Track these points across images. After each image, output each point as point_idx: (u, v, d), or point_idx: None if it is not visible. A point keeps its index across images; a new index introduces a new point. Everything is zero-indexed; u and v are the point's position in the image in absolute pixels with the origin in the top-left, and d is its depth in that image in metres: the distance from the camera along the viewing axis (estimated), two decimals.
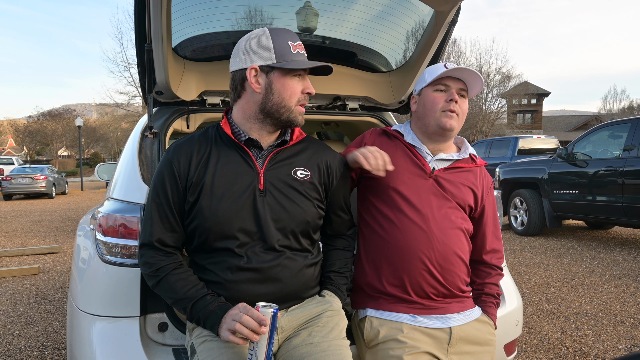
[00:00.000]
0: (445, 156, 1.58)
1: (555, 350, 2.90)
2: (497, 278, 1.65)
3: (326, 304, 1.40)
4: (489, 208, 1.64)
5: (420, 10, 2.10)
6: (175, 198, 1.34)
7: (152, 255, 1.33)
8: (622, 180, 5.65)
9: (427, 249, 1.46)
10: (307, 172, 1.42)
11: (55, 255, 6.23)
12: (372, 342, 1.47)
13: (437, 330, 1.46)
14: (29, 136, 48.17)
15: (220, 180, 1.33)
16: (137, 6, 1.69)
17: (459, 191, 1.55)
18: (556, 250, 6.01)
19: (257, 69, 1.32)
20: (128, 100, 26.27)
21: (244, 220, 1.31)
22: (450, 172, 1.57)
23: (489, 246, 1.63)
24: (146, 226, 1.35)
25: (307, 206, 1.38)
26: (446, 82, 1.55)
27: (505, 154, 11.53)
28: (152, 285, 1.34)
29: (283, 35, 1.34)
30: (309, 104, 2.59)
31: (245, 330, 1.14)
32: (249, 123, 1.38)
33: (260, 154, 1.39)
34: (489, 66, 34.43)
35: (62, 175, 21.02)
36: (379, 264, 1.52)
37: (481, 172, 1.65)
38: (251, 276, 1.30)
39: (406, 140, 1.61)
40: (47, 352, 3.01)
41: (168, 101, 2.11)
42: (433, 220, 1.48)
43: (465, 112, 1.57)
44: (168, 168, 1.35)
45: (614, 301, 3.86)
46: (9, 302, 4.12)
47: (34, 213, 12.20)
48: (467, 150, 1.63)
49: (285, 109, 1.34)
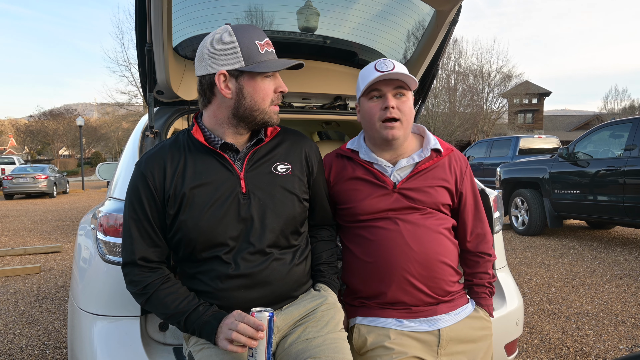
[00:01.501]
0: (406, 162, 1.50)
1: (556, 350, 2.89)
2: (486, 265, 1.58)
3: (320, 298, 1.39)
4: (467, 193, 1.56)
5: (420, 9, 2.10)
6: (154, 212, 1.29)
7: (137, 273, 1.28)
8: (623, 180, 5.64)
9: (405, 263, 1.42)
10: (287, 166, 1.38)
11: (56, 255, 6.24)
12: (362, 349, 1.45)
13: (425, 334, 1.42)
14: (30, 136, 48.23)
15: (201, 190, 1.28)
16: (138, 6, 1.69)
17: (429, 196, 1.48)
18: (557, 250, 6.00)
19: (225, 74, 1.26)
20: (129, 99, 26.33)
21: (229, 226, 1.27)
22: (415, 178, 1.49)
23: (472, 232, 1.57)
24: (126, 244, 1.29)
25: (292, 202, 1.35)
26: (378, 87, 1.46)
27: (506, 154, 11.52)
28: (141, 303, 1.30)
29: (249, 34, 1.27)
30: (310, 104, 2.59)
31: (242, 338, 1.13)
32: (222, 128, 1.33)
33: (237, 156, 1.34)
34: (490, 65, 34.43)
35: (63, 174, 21.04)
36: (363, 282, 1.50)
37: (450, 160, 1.55)
38: (241, 282, 1.27)
39: (362, 157, 1.54)
40: (48, 351, 3.02)
41: (169, 101, 2.11)
42: (407, 233, 1.43)
43: (409, 111, 1.46)
44: (142, 182, 1.29)
45: (615, 301, 3.85)
46: (10, 302, 4.12)
47: (35, 212, 12.21)
48: (429, 145, 1.52)
49: (259, 112, 1.30)
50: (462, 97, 33.11)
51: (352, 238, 1.53)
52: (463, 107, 33.07)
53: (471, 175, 1.60)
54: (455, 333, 1.44)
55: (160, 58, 1.78)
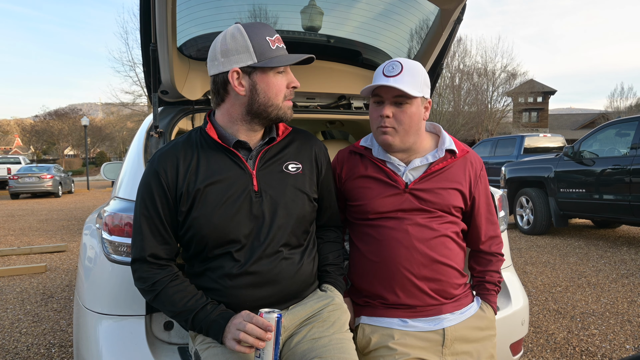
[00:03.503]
0: (419, 162, 1.48)
1: (562, 350, 2.88)
2: (497, 265, 1.59)
3: (327, 298, 1.39)
4: (480, 196, 1.54)
5: (425, 8, 2.10)
6: (165, 209, 1.29)
7: (146, 270, 1.29)
8: (629, 179, 5.60)
9: (411, 265, 1.42)
10: (298, 165, 1.40)
11: (61, 254, 6.27)
12: (365, 349, 1.45)
13: (430, 333, 1.42)
14: (35, 135, 48.52)
15: (214, 187, 1.29)
16: (143, 6, 1.69)
17: (441, 197, 1.46)
18: (562, 249, 5.98)
19: (239, 72, 1.27)
20: (133, 99, 26.43)
21: (241, 224, 1.28)
22: (427, 179, 1.47)
23: (485, 235, 1.57)
24: (137, 241, 1.30)
25: (302, 201, 1.36)
26: (379, 93, 1.44)
27: (511, 153, 11.47)
28: (149, 300, 1.31)
29: (259, 31, 1.28)
30: (314, 103, 2.59)
31: (250, 338, 1.13)
32: (236, 125, 1.34)
33: (249, 154, 1.35)
34: (494, 64, 34.32)
35: (68, 174, 21.15)
36: (368, 282, 1.50)
37: (465, 161, 1.52)
38: (250, 281, 1.28)
39: (375, 155, 1.52)
40: (54, 350, 3.03)
41: (173, 100, 2.12)
42: (414, 235, 1.43)
43: (408, 120, 1.42)
44: (155, 179, 1.29)
45: (621, 300, 3.83)
46: (16, 300, 4.15)
47: (41, 212, 12.28)
48: (444, 146, 1.49)
49: (272, 107, 1.31)
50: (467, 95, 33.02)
51: (360, 236, 1.53)
52: (467, 106, 32.99)
53: (486, 178, 1.57)
54: (460, 332, 1.44)
55: (165, 58, 1.78)
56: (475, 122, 32.38)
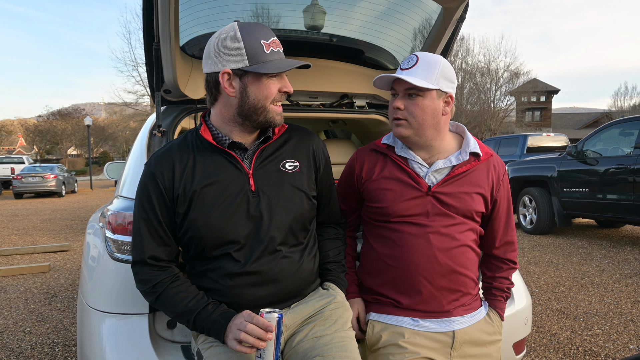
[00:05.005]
0: (443, 164, 1.44)
1: (565, 350, 2.87)
2: (509, 272, 1.58)
3: (329, 297, 1.39)
4: (501, 200, 1.51)
5: (427, 7, 2.09)
6: (163, 212, 1.30)
7: (146, 272, 1.29)
8: (633, 178, 5.58)
9: (430, 275, 1.41)
10: (295, 163, 1.39)
11: (65, 253, 6.30)
12: (374, 346, 1.45)
13: (440, 334, 1.42)
14: (39, 135, 48.69)
15: (210, 188, 1.29)
16: (145, 6, 1.70)
17: (463, 202, 1.43)
18: (566, 249, 5.96)
19: (229, 73, 1.26)
20: (136, 99, 26.48)
21: (239, 224, 1.28)
22: (450, 182, 1.44)
23: (501, 240, 1.55)
24: (136, 243, 1.30)
25: (300, 199, 1.35)
26: (394, 86, 1.44)
27: (514, 152, 11.44)
28: (150, 301, 1.31)
29: (255, 33, 1.26)
30: (317, 102, 2.59)
31: (251, 338, 1.14)
32: (229, 126, 1.33)
33: (245, 154, 1.35)
34: (497, 63, 34.27)
35: (71, 174, 21.21)
36: (381, 282, 1.49)
37: (488, 165, 1.49)
38: (250, 280, 1.28)
39: (397, 153, 1.49)
40: (57, 349, 3.04)
41: (176, 100, 2.12)
42: (436, 244, 1.41)
43: (420, 113, 1.40)
44: (152, 181, 1.30)
45: (624, 300, 3.82)
46: (20, 300, 4.17)
47: (44, 211, 12.33)
48: (468, 148, 1.46)
49: (261, 110, 1.29)
50: (470, 95, 32.95)
51: (377, 237, 1.51)
52: (470, 105, 32.93)
53: (507, 182, 1.55)
54: (469, 336, 1.45)
55: (168, 57, 1.78)
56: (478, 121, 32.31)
